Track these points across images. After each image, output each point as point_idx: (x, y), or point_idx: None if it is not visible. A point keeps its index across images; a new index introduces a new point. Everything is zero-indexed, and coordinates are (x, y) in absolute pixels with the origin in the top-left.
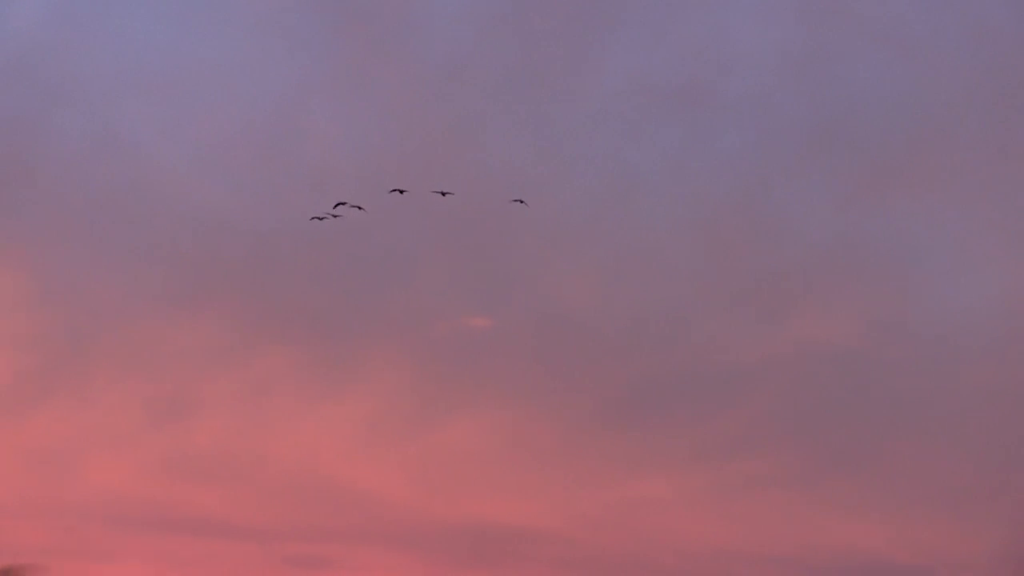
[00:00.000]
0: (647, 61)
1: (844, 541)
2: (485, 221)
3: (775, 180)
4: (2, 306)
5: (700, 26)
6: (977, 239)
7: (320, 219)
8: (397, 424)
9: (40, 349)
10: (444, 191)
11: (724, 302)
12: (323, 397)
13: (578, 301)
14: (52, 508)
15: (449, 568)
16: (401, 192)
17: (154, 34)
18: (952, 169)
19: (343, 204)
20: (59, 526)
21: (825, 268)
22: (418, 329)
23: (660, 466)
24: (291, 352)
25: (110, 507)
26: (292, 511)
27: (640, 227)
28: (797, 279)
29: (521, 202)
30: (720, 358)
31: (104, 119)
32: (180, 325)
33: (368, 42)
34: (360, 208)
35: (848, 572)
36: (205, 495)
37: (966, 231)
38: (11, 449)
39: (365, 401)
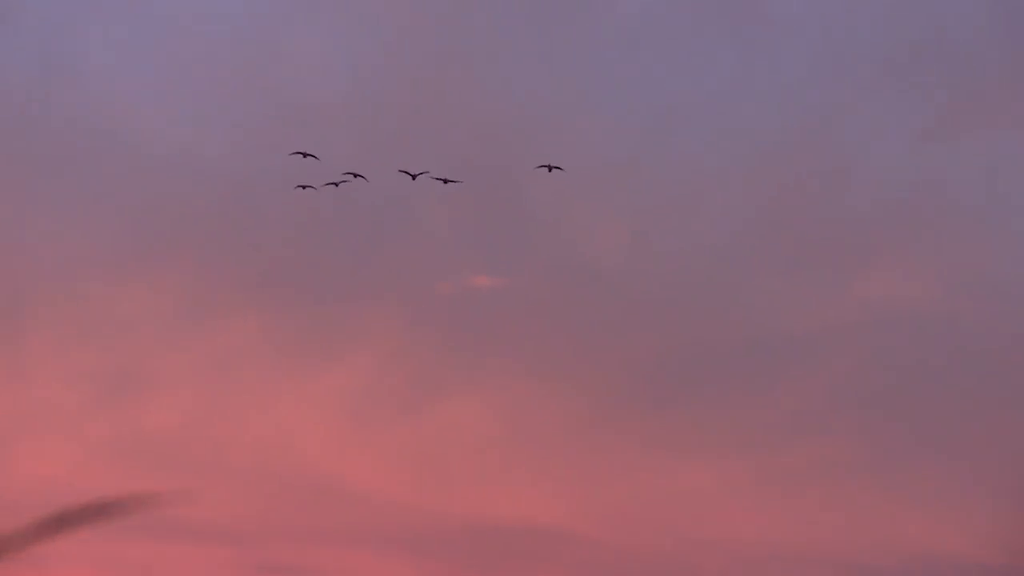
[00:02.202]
0: None
1: (924, 541)
2: (494, 164)
3: (842, 115)
4: None
5: None
6: None
7: (304, 188)
8: (391, 404)
9: None
10: (448, 179)
11: (781, 258)
12: (303, 372)
13: (606, 257)
14: None
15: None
16: (413, 176)
17: None
18: None
19: (338, 182)
20: None
21: (900, 217)
22: (415, 291)
23: (703, 452)
24: (266, 319)
25: (47, 502)
26: (266, 508)
27: (682, 169)
28: (867, 230)
29: (551, 169)
30: (775, 324)
31: (50, 43)
32: (134, 286)
33: None
34: (361, 177)
35: None
36: (161, 489)
37: None
38: None
39: (353, 376)
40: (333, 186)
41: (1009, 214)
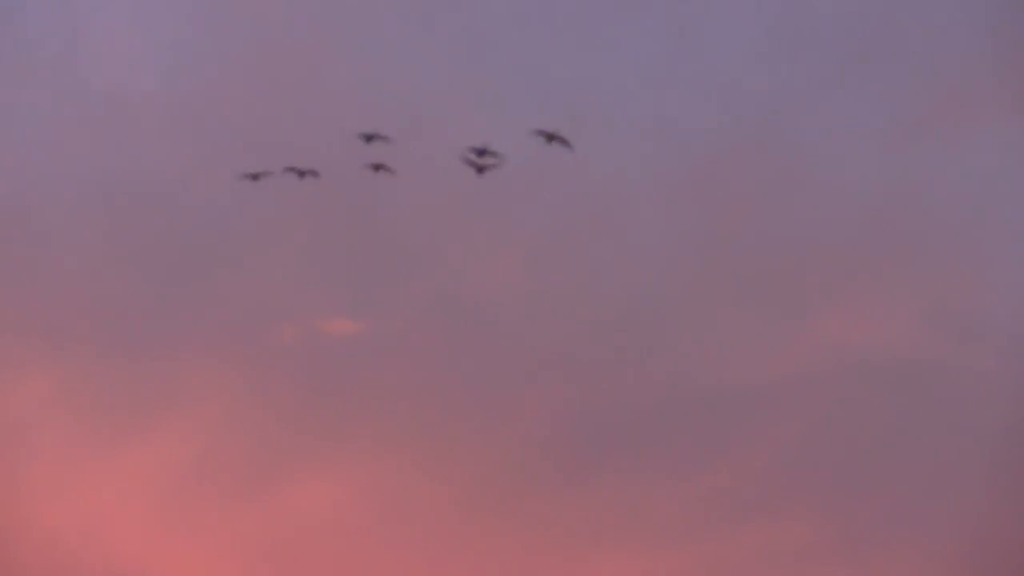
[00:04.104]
0: None
1: None
2: (351, 172)
3: (796, 107)
4: None
5: None
6: None
7: (255, 177)
8: (222, 485)
9: None
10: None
11: (719, 293)
12: (110, 444)
13: (492, 294)
14: None
15: None
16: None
17: None
18: None
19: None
20: None
21: (870, 237)
22: (252, 338)
23: (624, 541)
24: (61, 376)
25: None
26: None
27: (594, 177)
28: (829, 256)
29: (551, 139)
30: (714, 377)
31: None
32: None
33: None
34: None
35: None
36: None
37: None
38: None
39: (173, 450)
40: (296, 174)
41: (1002, 233)
